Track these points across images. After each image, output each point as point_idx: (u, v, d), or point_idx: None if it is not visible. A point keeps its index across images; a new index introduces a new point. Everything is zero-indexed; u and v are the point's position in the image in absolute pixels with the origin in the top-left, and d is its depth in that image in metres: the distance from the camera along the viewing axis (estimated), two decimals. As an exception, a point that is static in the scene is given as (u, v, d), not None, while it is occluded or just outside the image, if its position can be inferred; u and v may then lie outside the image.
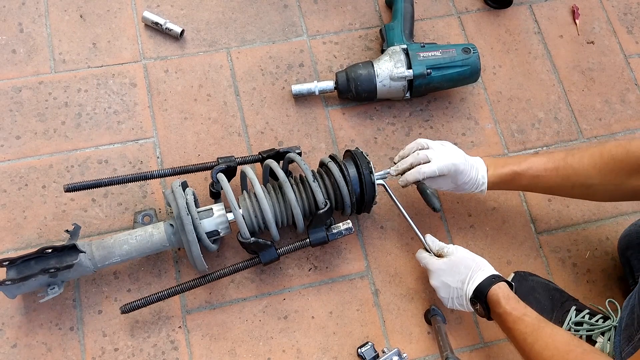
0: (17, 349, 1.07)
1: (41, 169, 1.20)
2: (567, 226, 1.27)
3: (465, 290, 1.03)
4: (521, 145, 1.33)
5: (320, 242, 1.09)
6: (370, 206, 1.13)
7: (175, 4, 1.37)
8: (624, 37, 1.46)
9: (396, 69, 1.24)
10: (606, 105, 1.39)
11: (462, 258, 1.06)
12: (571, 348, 0.88)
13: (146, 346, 1.09)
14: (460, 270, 1.05)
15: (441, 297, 1.08)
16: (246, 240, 1.05)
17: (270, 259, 1.08)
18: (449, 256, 1.07)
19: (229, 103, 1.30)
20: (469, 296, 1.02)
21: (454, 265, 1.05)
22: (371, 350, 1.09)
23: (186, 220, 1.01)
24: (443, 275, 1.06)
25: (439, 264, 1.07)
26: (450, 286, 1.05)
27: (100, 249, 1.04)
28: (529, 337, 0.91)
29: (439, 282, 1.07)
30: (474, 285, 1.01)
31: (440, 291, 1.07)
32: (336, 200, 1.10)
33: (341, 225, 1.10)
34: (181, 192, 1.04)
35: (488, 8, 1.46)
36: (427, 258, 1.10)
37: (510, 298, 0.97)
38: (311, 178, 1.07)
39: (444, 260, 1.07)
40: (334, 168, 1.09)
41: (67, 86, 1.27)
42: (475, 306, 1.03)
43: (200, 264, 1.04)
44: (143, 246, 1.06)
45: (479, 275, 1.02)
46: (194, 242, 1.02)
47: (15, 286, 1.01)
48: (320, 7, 1.41)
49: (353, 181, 1.09)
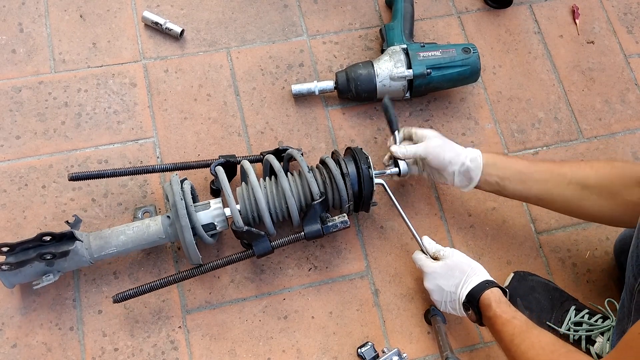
0: (17, 349, 1.07)
1: (41, 169, 1.20)
2: (567, 226, 1.27)
3: (459, 294, 1.03)
4: (521, 145, 1.33)
5: (315, 235, 1.08)
6: (368, 203, 1.13)
7: (175, 4, 1.37)
8: (624, 37, 1.46)
9: (396, 69, 1.24)
10: (606, 105, 1.39)
11: (458, 262, 1.06)
12: (556, 348, 0.88)
13: (146, 346, 1.09)
14: (454, 274, 1.05)
15: (434, 300, 1.08)
16: (239, 228, 1.05)
17: (264, 251, 1.07)
18: (445, 259, 1.07)
19: (229, 103, 1.30)
20: (461, 300, 1.02)
21: (449, 269, 1.05)
22: (371, 350, 1.09)
23: (179, 204, 1.01)
24: (437, 279, 1.06)
25: (434, 267, 1.07)
26: (444, 290, 1.05)
27: (97, 239, 1.05)
28: (516, 338, 0.91)
29: (433, 285, 1.07)
30: (467, 289, 1.01)
31: (433, 294, 1.07)
32: (333, 196, 1.10)
33: (336, 218, 1.08)
34: (177, 180, 1.05)
35: (488, 8, 1.46)
36: (423, 260, 1.10)
37: (502, 302, 0.97)
38: (306, 169, 1.07)
39: (440, 263, 1.07)
40: (330, 162, 1.09)
41: (67, 86, 1.27)
42: (468, 311, 1.02)
43: (194, 253, 1.04)
44: (139, 237, 1.06)
45: (473, 280, 1.02)
46: (186, 227, 1.01)
47: (12, 273, 1.01)
48: (320, 7, 1.41)
49: (351, 176, 1.09)
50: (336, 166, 1.09)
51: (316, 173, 1.10)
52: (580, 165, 1.05)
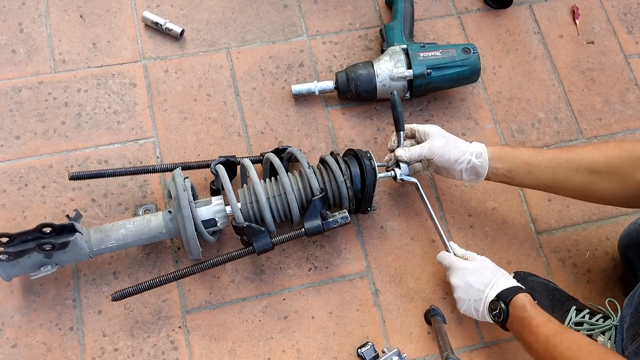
0: (17, 349, 1.07)
1: (41, 169, 1.20)
2: (567, 226, 1.27)
3: (487, 293, 1.03)
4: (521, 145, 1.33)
5: (316, 230, 1.07)
6: (371, 198, 1.12)
7: (175, 4, 1.37)
8: (624, 37, 1.46)
9: (396, 69, 1.24)
10: (606, 105, 1.39)
11: (489, 265, 1.07)
12: (594, 348, 0.89)
13: (146, 346, 1.09)
14: (485, 273, 1.05)
15: (457, 298, 1.08)
16: (239, 224, 1.05)
17: (264, 248, 1.06)
18: (475, 260, 1.08)
19: (229, 103, 1.30)
20: (489, 299, 1.02)
21: (481, 268, 1.06)
22: (371, 351, 1.09)
23: (182, 195, 1.01)
24: (467, 275, 1.06)
25: (466, 264, 1.08)
26: (472, 287, 1.05)
27: (98, 232, 1.05)
28: (553, 340, 0.92)
29: (461, 280, 1.06)
30: (498, 289, 1.02)
31: (459, 291, 1.07)
32: (333, 192, 1.10)
33: (337, 214, 1.08)
34: (180, 173, 1.06)
35: (488, 8, 1.46)
36: (453, 257, 1.10)
37: (536, 306, 0.98)
38: (306, 165, 1.08)
39: (471, 262, 1.08)
40: (329, 158, 1.10)
41: (67, 86, 1.27)
42: (494, 311, 1.02)
43: (194, 246, 1.03)
44: (140, 232, 1.06)
45: (503, 283, 1.03)
46: (188, 217, 1.01)
47: (10, 264, 1.00)
48: (320, 7, 1.41)
49: (353, 171, 1.09)
50: (335, 162, 1.09)
51: (316, 170, 1.11)
52: (588, 149, 1.04)
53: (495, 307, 1.02)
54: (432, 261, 1.20)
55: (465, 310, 1.08)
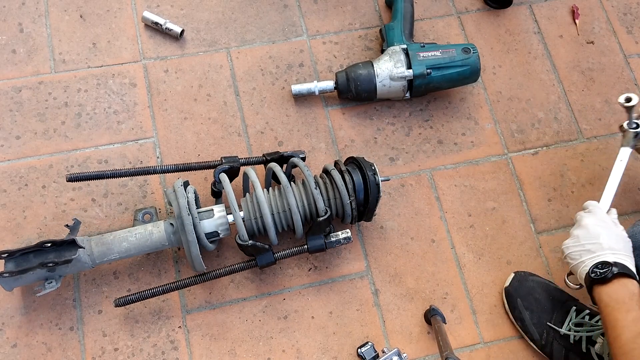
0: (17, 349, 1.07)
1: (41, 169, 1.20)
2: (567, 226, 1.26)
3: (606, 254, 0.98)
4: (521, 145, 1.33)
5: (318, 249, 1.10)
6: (373, 211, 1.12)
7: (175, 4, 1.37)
8: (623, 37, 1.46)
9: (396, 69, 1.24)
10: (606, 105, 1.39)
11: (626, 242, 1.02)
12: None
13: (146, 346, 1.09)
14: (619, 241, 1.00)
15: (576, 235, 1.04)
16: (244, 242, 1.05)
17: (267, 263, 1.08)
18: (620, 229, 1.04)
19: (229, 103, 1.30)
20: (601, 258, 0.97)
21: (617, 236, 1.02)
22: (371, 350, 1.09)
23: (187, 220, 1.01)
24: (603, 226, 1.02)
25: (610, 222, 1.03)
26: (598, 240, 1.00)
27: (100, 245, 1.04)
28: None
29: (593, 228, 1.02)
30: (619, 261, 0.96)
31: (583, 234, 1.02)
32: (337, 207, 1.10)
33: (340, 234, 1.10)
34: (183, 192, 1.04)
35: (488, 8, 1.46)
36: (602, 209, 1.06)
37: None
38: (313, 185, 1.07)
39: (616, 226, 1.04)
40: (335, 174, 1.08)
41: (67, 86, 1.27)
42: (595, 271, 0.96)
43: (199, 265, 1.04)
44: (142, 244, 1.06)
45: (628, 261, 0.98)
46: (193, 242, 1.02)
47: (13, 279, 1.00)
48: (320, 7, 1.41)
49: (357, 185, 1.08)
50: (342, 183, 1.08)
51: (321, 186, 1.10)
52: None
53: (607, 266, 0.96)
54: (432, 261, 1.20)
55: (566, 256, 1.04)
